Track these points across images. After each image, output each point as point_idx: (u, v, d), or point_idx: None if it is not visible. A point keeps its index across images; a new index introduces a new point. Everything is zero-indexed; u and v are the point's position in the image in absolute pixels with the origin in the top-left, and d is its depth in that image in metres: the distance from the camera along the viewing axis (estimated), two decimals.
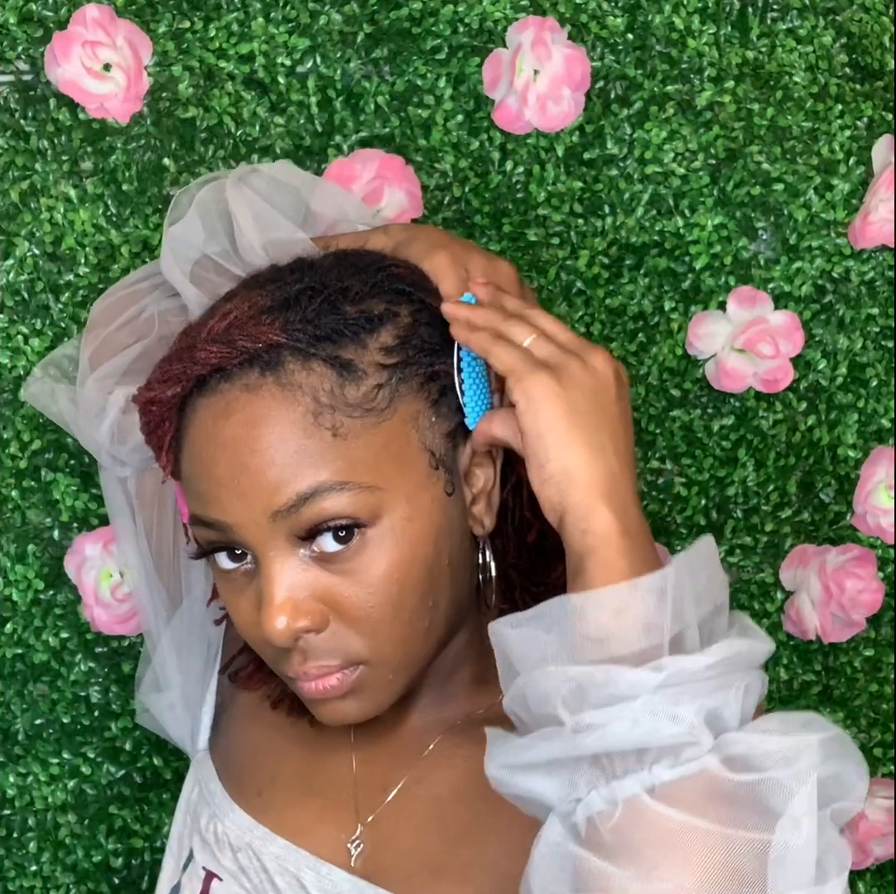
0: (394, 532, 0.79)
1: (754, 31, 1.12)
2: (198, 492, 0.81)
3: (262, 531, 0.79)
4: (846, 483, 1.18)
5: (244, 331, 0.79)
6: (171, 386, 0.81)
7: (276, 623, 0.79)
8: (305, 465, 0.77)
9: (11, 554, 1.11)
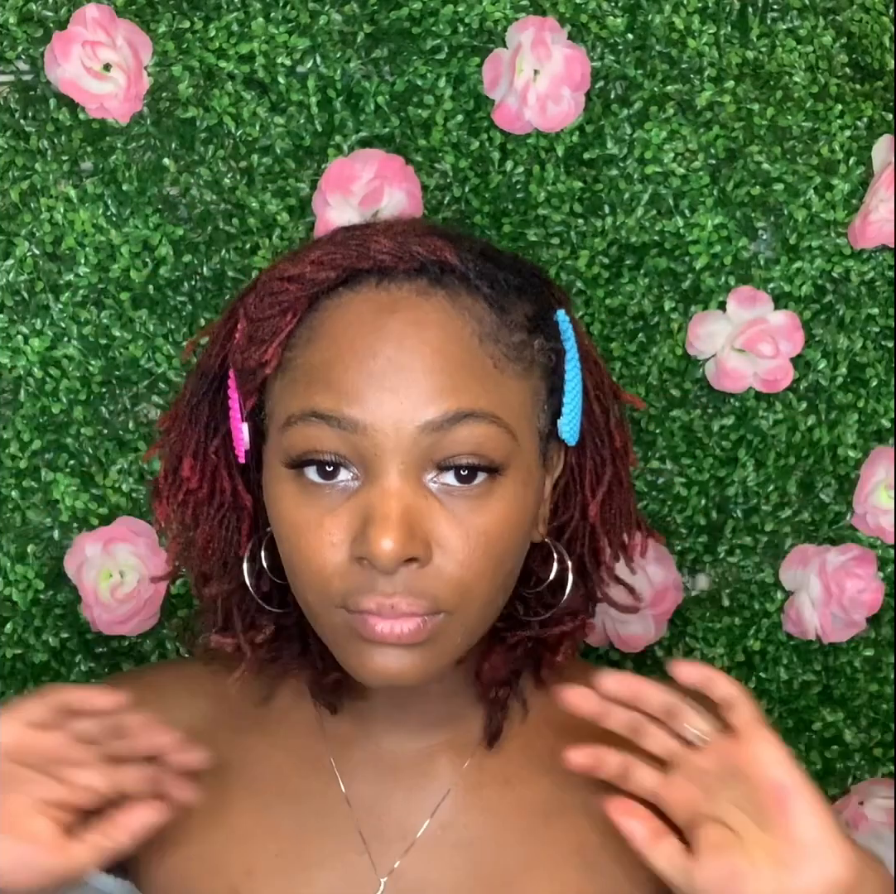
0: (515, 491, 0.77)
1: (754, 31, 1.12)
2: (334, 383, 0.75)
3: (401, 439, 0.74)
4: (846, 483, 1.18)
5: (420, 240, 0.77)
6: (325, 269, 0.76)
7: (390, 541, 0.73)
8: (468, 384, 0.75)
9: (11, 554, 1.11)
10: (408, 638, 0.76)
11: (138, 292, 1.10)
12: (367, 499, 0.75)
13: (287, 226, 1.10)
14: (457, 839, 0.85)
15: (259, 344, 0.78)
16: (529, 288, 0.81)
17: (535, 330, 0.80)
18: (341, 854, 0.85)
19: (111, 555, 1.10)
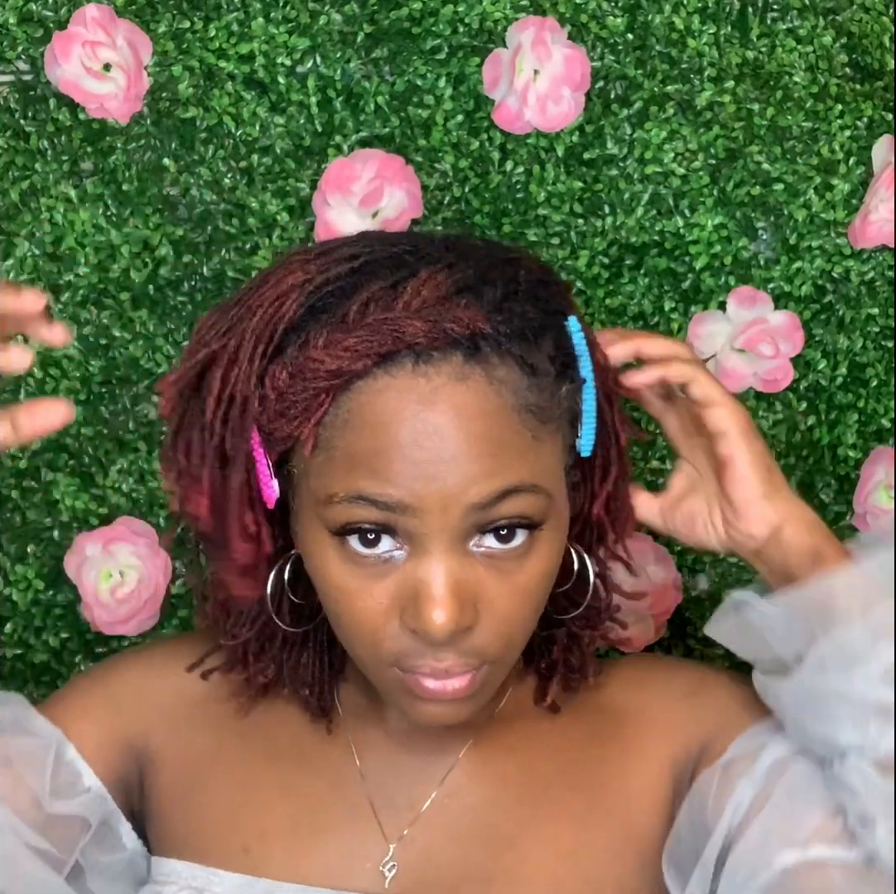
0: (550, 542, 0.81)
1: (754, 31, 1.12)
2: (380, 471, 0.76)
3: (447, 520, 0.76)
4: (846, 483, 1.18)
5: (450, 313, 0.76)
6: (361, 358, 0.76)
7: (443, 617, 0.76)
8: (511, 463, 0.77)
9: (11, 554, 1.11)
10: (459, 693, 0.80)
11: (138, 292, 1.10)
12: (415, 573, 0.78)
13: (287, 226, 1.10)
14: (462, 806, 0.88)
15: (291, 419, 0.78)
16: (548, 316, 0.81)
17: (560, 373, 0.81)
18: (352, 821, 0.88)
19: (111, 555, 1.10)
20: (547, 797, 0.88)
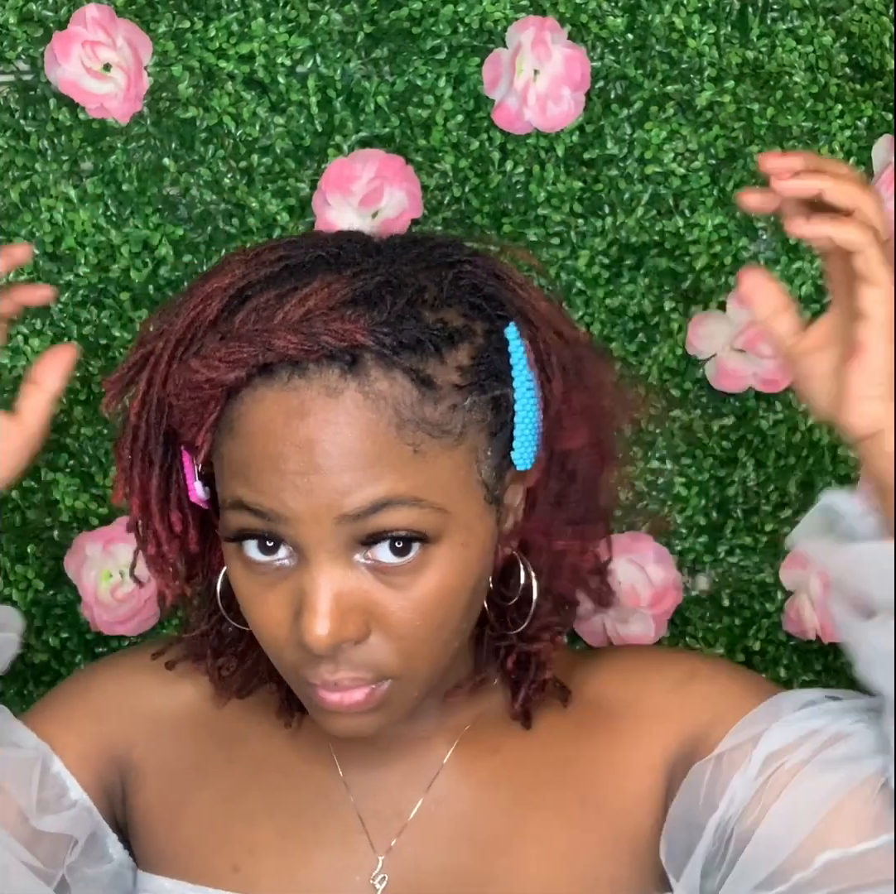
0: (451, 556, 0.78)
1: (754, 31, 1.12)
2: (253, 481, 0.76)
3: (322, 531, 0.76)
4: (846, 483, 1.18)
5: (328, 326, 0.75)
6: (234, 369, 0.76)
7: (320, 630, 0.75)
8: (383, 475, 0.75)
9: (11, 554, 1.11)
10: (357, 707, 0.78)
11: (138, 292, 1.10)
12: (299, 583, 0.77)
13: (287, 226, 1.10)
14: (450, 812, 0.87)
15: (189, 426, 0.79)
16: (468, 325, 0.79)
17: (471, 384, 0.78)
18: (340, 834, 0.87)
19: (111, 555, 1.10)
20: (537, 798, 0.87)
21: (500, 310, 0.80)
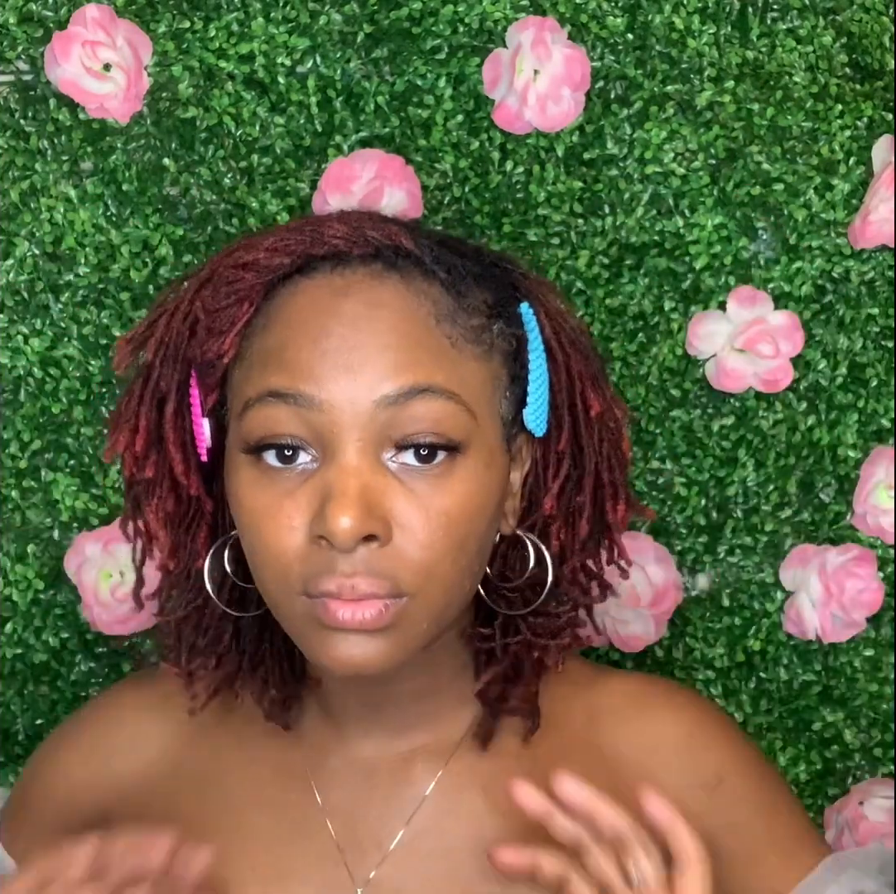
0: (476, 471, 0.77)
1: (754, 31, 1.12)
2: (289, 363, 0.75)
3: (357, 415, 0.74)
4: (846, 483, 1.18)
5: (375, 225, 0.77)
6: (280, 255, 0.76)
7: (346, 517, 0.72)
8: (424, 361, 0.75)
9: (11, 554, 1.11)
10: (370, 623, 0.74)
11: (138, 292, 1.10)
12: (324, 478, 0.75)
13: None
14: (433, 847, 0.84)
15: (217, 335, 0.78)
16: (490, 277, 0.82)
17: (495, 315, 0.80)
18: (318, 864, 0.84)
19: (111, 555, 1.10)
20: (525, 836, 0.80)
21: (514, 290, 0.83)
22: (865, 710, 1.20)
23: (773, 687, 1.19)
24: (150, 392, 0.82)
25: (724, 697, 1.18)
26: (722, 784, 0.86)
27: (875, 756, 1.21)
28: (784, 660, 1.19)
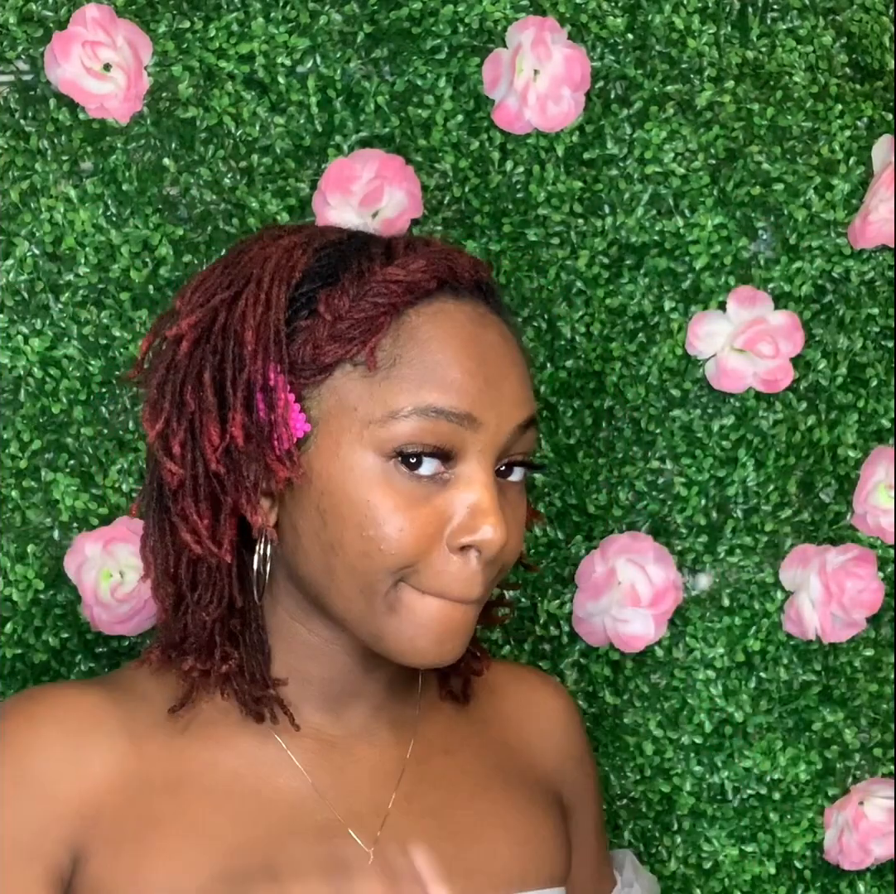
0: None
1: (754, 31, 1.12)
2: (452, 383, 0.81)
3: (500, 437, 0.82)
4: (846, 483, 1.18)
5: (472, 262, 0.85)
6: (428, 279, 0.82)
7: (498, 530, 0.80)
8: (531, 392, 0.85)
9: (11, 554, 1.11)
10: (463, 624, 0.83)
11: (138, 292, 1.10)
12: (464, 491, 0.82)
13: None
14: (421, 808, 0.89)
15: (346, 341, 0.81)
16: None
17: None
18: (325, 840, 0.85)
19: (111, 555, 1.10)
20: (490, 786, 0.92)
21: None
22: (865, 710, 1.20)
23: (773, 688, 1.19)
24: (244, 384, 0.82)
25: (724, 697, 1.18)
26: (582, 762, 1.00)
27: (875, 756, 1.21)
28: (784, 659, 1.19)
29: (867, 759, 1.21)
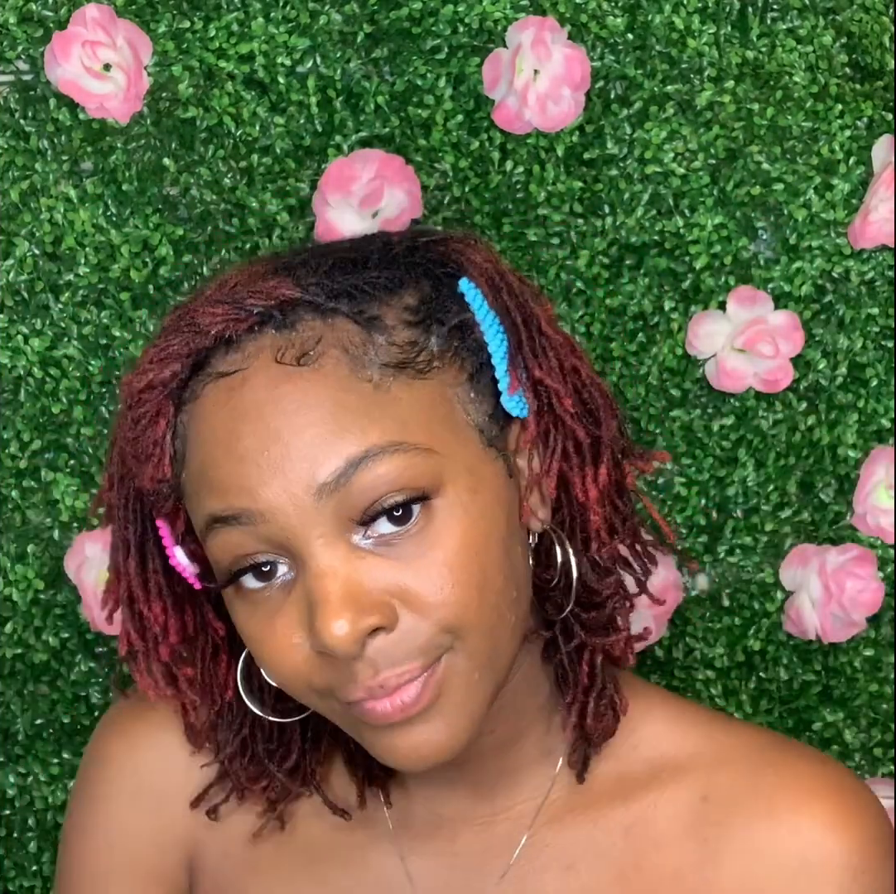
0: (461, 502, 0.68)
1: (754, 31, 1.12)
2: (214, 483, 0.68)
3: (304, 513, 0.67)
4: (846, 483, 1.18)
5: (252, 288, 0.69)
6: (168, 364, 0.69)
7: (338, 625, 0.65)
8: (349, 424, 0.66)
9: (11, 554, 1.11)
10: (415, 705, 0.68)
11: (138, 292, 1.10)
12: (304, 587, 0.68)
13: (287, 226, 1.10)
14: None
15: (145, 462, 0.71)
16: (409, 272, 0.73)
17: (426, 320, 0.71)
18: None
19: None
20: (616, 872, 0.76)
21: (444, 267, 0.74)
22: (865, 710, 1.20)
23: (773, 687, 1.19)
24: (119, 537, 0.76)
25: (724, 697, 1.18)
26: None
27: (875, 756, 1.21)
28: (784, 659, 1.19)
29: (867, 759, 1.21)
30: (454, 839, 0.79)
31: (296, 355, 0.68)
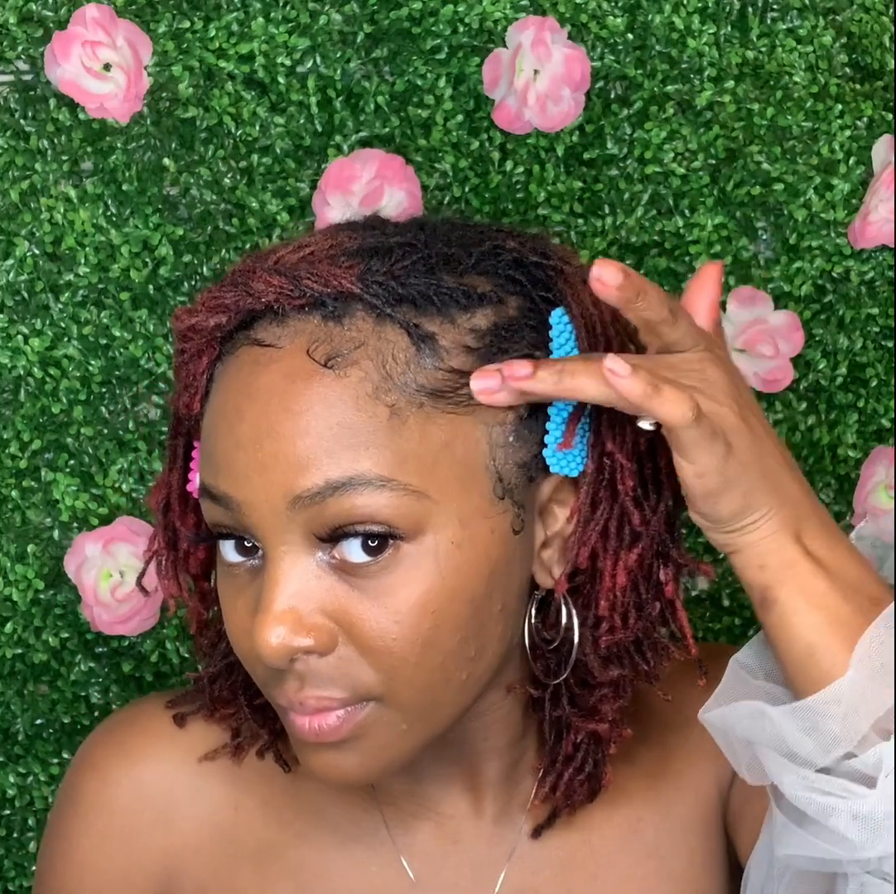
0: (436, 555, 0.65)
1: (754, 31, 1.12)
2: (212, 455, 0.67)
3: (276, 518, 0.65)
4: (846, 483, 1.18)
5: (314, 269, 0.66)
6: (215, 314, 0.68)
7: (271, 635, 0.64)
8: (344, 445, 0.64)
9: (11, 554, 1.11)
10: (329, 735, 0.66)
11: (138, 292, 1.10)
12: (260, 583, 0.67)
13: (287, 226, 1.10)
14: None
15: (183, 391, 0.71)
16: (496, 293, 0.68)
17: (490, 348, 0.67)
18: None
19: (111, 555, 1.10)
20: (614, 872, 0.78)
21: (546, 292, 0.70)
22: None
23: None
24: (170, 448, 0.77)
25: None
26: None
27: None
28: None
29: None
30: (456, 840, 0.79)
31: (327, 354, 0.65)
